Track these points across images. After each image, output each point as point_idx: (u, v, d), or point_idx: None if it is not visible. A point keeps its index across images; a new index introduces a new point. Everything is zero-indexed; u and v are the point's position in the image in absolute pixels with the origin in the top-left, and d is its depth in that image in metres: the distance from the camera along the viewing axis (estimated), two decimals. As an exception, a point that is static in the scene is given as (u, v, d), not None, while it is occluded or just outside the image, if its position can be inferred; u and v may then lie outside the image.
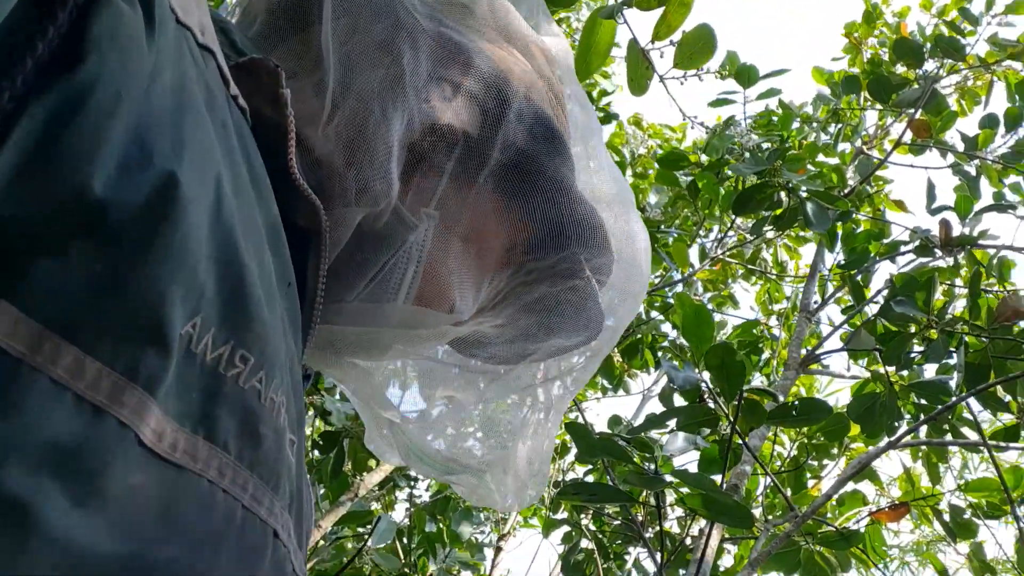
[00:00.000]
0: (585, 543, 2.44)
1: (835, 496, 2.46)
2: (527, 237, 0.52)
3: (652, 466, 1.61)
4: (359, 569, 2.02)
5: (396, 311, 0.49)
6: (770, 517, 2.43)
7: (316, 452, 2.24)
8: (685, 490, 1.44)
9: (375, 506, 2.74)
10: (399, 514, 2.81)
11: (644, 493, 1.85)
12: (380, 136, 0.45)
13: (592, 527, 2.44)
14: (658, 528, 2.23)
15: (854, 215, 2.66)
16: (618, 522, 2.11)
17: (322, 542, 2.35)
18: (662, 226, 2.67)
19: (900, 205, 3.02)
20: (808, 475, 2.67)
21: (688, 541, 2.14)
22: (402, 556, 2.36)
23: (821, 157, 2.79)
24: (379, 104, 0.46)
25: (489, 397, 0.62)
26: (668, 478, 1.39)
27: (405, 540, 2.40)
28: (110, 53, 0.26)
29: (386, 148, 0.45)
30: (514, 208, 0.52)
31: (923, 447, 2.40)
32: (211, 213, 0.29)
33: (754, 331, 3.01)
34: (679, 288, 3.52)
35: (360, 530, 2.38)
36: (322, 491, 2.42)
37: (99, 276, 0.25)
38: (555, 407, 0.64)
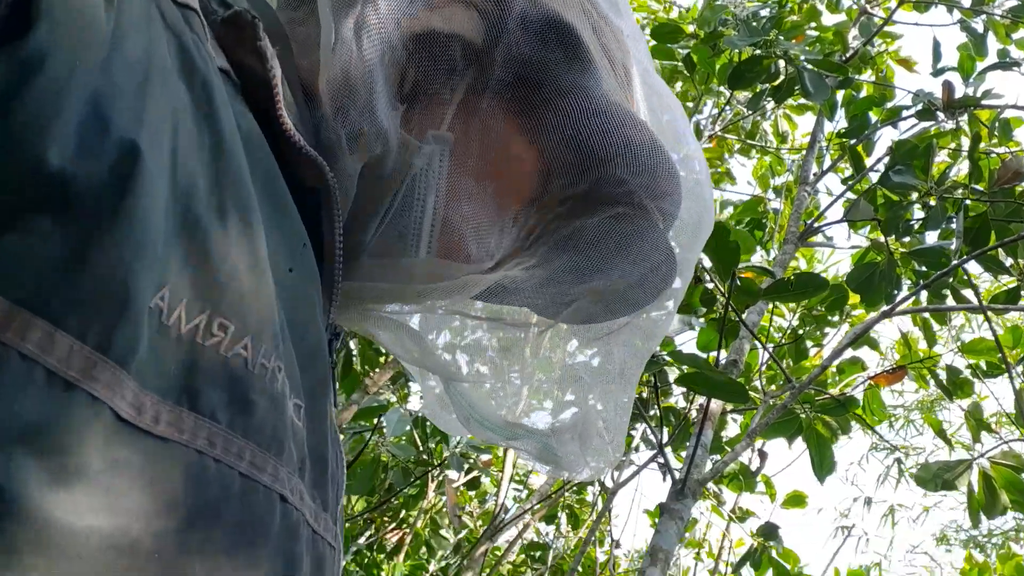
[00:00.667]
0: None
1: (835, 364, 2.52)
2: (553, 160, 0.47)
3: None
4: (376, 459, 2.11)
5: (418, 264, 0.46)
6: (773, 387, 2.50)
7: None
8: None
9: (392, 398, 2.83)
10: (414, 405, 2.91)
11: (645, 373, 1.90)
12: (361, 74, 0.42)
13: (599, 407, 2.52)
14: (663, 404, 2.30)
15: (855, 81, 2.58)
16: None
17: (342, 436, 2.44)
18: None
19: (907, 63, 2.92)
20: (810, 344, 2.73)
21: (693, 415, 2.22)
22: (419, 444, 2.46)
23: (826, 16, 2.67)
24: (357, 38, 0.43)
25: (545, 356, 0.58)
26: (665, 357, 1.42)
27: (420, 429, 2.50)
28: (62, 21, 0.25)
29: (367, 86, 0.42)
30: (531, 127, 0.46)
31: (924, 313, 2.44)
32: (176, 181, 0.28)
33: (759, 208, 2.99)
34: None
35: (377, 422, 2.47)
36: (335, 387, 2.50)
37: (64, 250, 0.24)
38: (627, 368, 0.59)
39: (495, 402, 0.59)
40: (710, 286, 1.69)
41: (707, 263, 1.64)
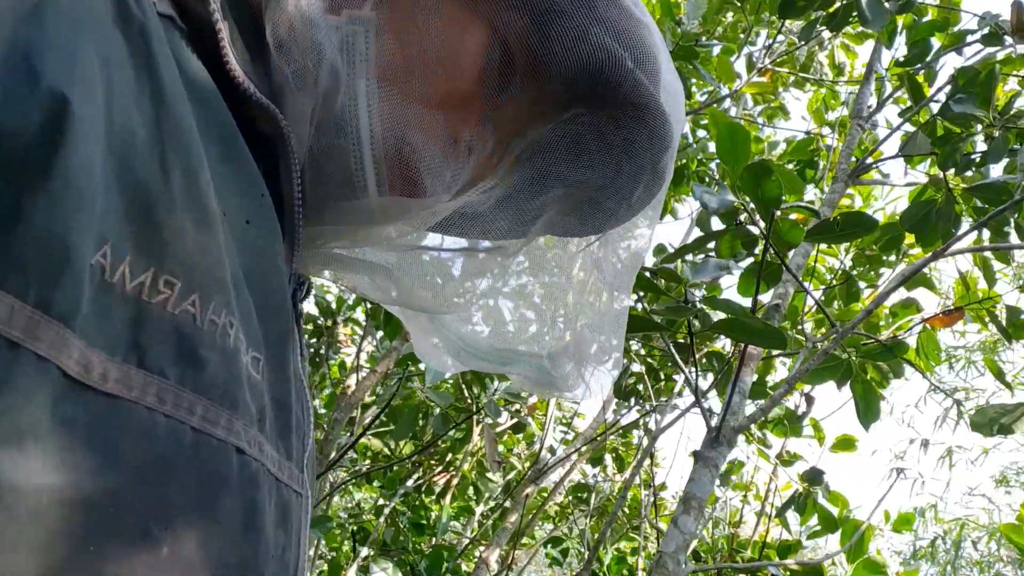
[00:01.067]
0: (636, 367, 2.51)
1: (888, 307, 2.43)
2: (509, 52, 0.44)
3: (696, 293, 1.61)
4: (419, 403, 2.14)
5: (375, 204, 0.45)
6: (821, 332, 2.44)
7: (367, 302, 2.32)
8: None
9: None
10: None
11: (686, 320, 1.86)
12: (300, 9, 0.41)
13: (642, 352, 2.51)
14: (704, 350, 2.26)
15: (916, 4, 2.41)
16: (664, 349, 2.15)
17: (387, 383, 2.49)
18: (702, 39, 2.48)
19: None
20: (864, 286, 2.64)
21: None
22: (463, 390, 2.50)
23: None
24: None
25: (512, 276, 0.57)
26: (699, 305, 1.39)
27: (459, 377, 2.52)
28: None
29: (306, 21, 0.41)
30: (478, 14, 0.43)
31: (984, 252, 2.32)
32: (113, 135, 0.28)
33: (810, 148, 2.86)
34: (727, 104, 3.34)
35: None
36: (380, 335, 2.53)
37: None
38: (617, 280, 0.58)
39: (485, 331, 0.58)
40: (752, 230, 1.63)
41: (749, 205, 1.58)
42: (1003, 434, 1.97)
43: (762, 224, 1.55)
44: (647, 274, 1.36)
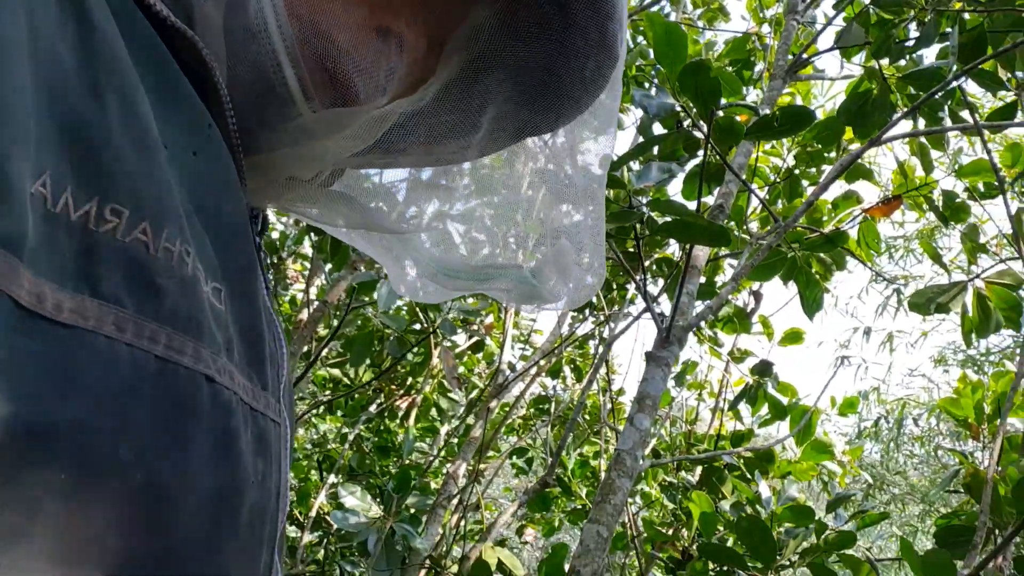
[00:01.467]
0: (588, 279, 2.53)
1: (830, 200, 2.48)
2: None
3: (641, 200, 1.61)
4: (372, 329, 2.14)
5: (310, 121, 0.42)
6: (767, 229, 2.48)
7: (312, 234, 2.28)
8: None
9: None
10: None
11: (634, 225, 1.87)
12: None
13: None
14: (654, 257, 2.29)
15: None
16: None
17: (338, 313, 2.48)
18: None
19: None
20: (806, 184, 2.68)
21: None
22: (418, 314, 2.49)
23: None
24: None
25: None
26: (645, 210, 1.40)
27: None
28: None
29: None
30: None
31: (920, 138, 2.37)
32: (39, 62, 0.26)
33: (747, 47, 2.84)
34: (665, 5, 3.29)
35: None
36: (328, 267, 2.50)
37: None
38: (589, 184, 0.56)
39: (459, 249, 0.57)
40: (695, 133, 1.63)
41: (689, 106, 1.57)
42: (940, 312, 2.06)
43: (704, 126, 1.55)
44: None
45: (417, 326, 2.45)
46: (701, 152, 1.64)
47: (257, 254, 0.39)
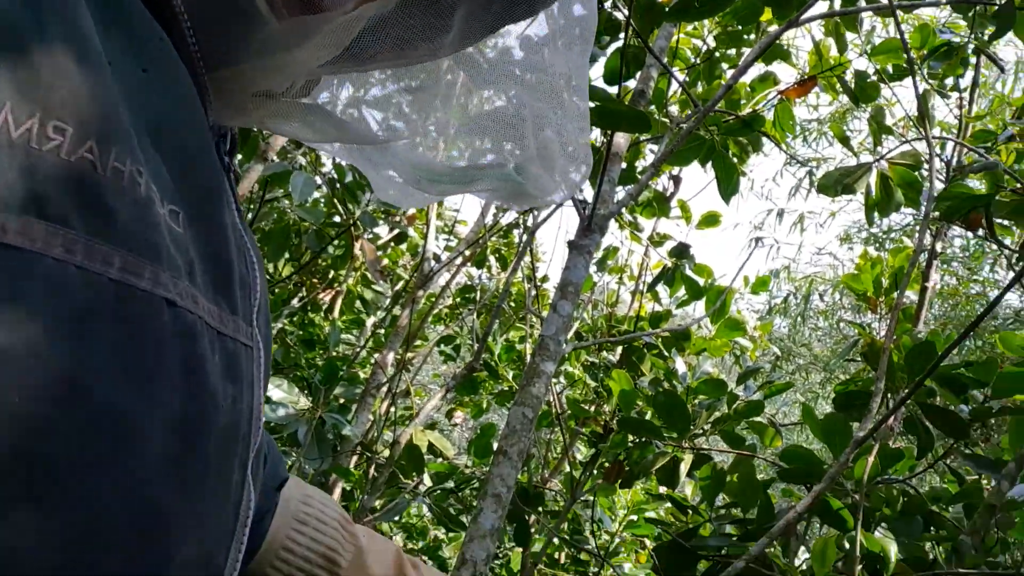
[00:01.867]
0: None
1: (748, 83, 2.50)
2: None
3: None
4: (288, 223, 2.08)
5: (275, 32, 0.40)
6: (687, 113, 2.49)
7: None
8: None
9: (302, 162, 2.74)
10: (327, 168, 2.83)
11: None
12: None
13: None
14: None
15: None
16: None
17: (252, 207, 2.39)
18: None
19: None
20: (726, 67, 2.68)
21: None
22: (338, 206, 2.43)
23: None
24: None
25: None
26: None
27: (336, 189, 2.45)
28: None
29: None
30: None
31: (836, 19, 2.38)
32: None
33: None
34: None
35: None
36: (239, 157, 2.39)
37: None
38: (573, 74, 0.54)
39: (439, 155, 0.56)
40: (615, 15, 1.59)
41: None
42: (846, 193, 2.14)
43: (624, 8, 1.50)
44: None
45: (337, 219, 2.40)
46: (622, 35, 1.60)
47: (227, 175, 0.38)
